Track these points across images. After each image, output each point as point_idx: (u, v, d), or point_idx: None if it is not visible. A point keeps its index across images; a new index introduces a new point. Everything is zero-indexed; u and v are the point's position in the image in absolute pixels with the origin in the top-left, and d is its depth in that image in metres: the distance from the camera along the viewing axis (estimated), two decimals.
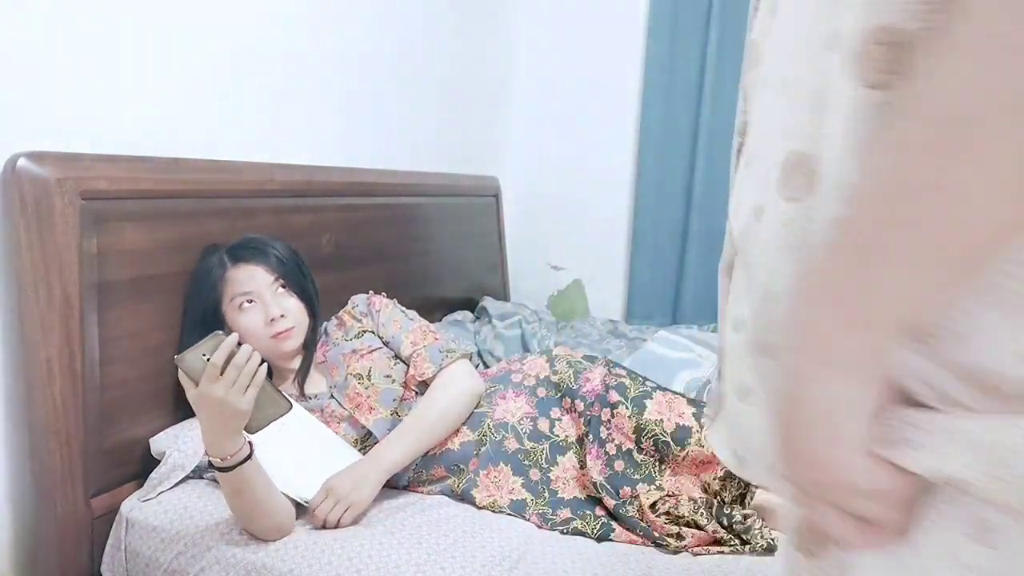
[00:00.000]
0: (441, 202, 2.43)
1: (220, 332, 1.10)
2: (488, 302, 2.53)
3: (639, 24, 2.73)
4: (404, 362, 1.50)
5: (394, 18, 2.20)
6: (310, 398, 1.44)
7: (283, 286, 1.40)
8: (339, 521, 1.23)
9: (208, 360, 1.06)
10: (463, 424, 1.42)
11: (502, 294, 2.82)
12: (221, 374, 1.06)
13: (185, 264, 1.43)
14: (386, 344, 1.52)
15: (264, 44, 1.72)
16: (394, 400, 1.42)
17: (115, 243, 1.31)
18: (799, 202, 0.44)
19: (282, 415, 1.16)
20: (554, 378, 1.46)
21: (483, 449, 1.38)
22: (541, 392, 1.45)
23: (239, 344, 1.09)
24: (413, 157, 2.32)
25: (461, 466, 1.36)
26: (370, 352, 1.48)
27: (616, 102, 2.81)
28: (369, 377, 1.43)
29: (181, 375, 1.08)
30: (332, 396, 1.44)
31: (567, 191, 2.92)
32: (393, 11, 2.19)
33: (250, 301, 1.37)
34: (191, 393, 1.08)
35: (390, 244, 2.13)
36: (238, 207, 1.57)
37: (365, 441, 1.40)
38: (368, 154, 2.10)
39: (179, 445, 1.34)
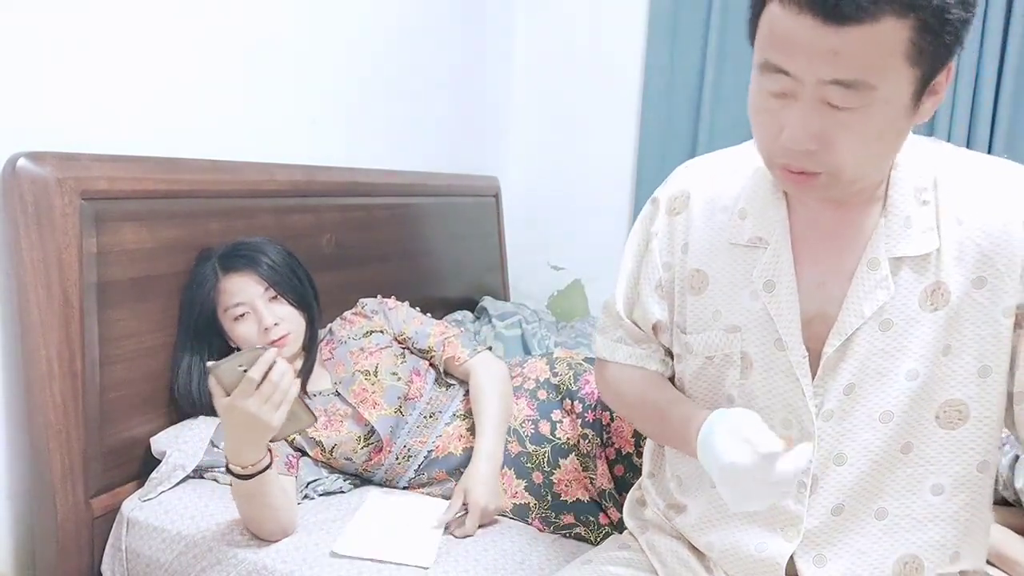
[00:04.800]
0: (441, 202, 2.42)
1: (260, 347, 1.10)
2: (488, 302, 2.53)
3: (639, 24, 2.73)
4: (423, 355, 1.52)
5: (394, 18, 2.20)
6: (313, 396, 1.44)
7: (275, 294, 1.39)
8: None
9: (245, 372, 1.06)
10: (466, 428, 1.42)
11: (502, 294, 2.82)
12: (257, 388, 1.06)
13: (185, 264, 1.43)
14: (405, 340, 1.54)
15: (264, 44, 1.72)
16: (399, 398, 1.42)
17: (115, 243, 1.30)
18: None
19: (305, 428, 1.17)
20: (554, 380, 1.45)
21: None
22: (542, 395, 1.44)
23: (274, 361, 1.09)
24: (413, 157, 2.32)
25: (463, 469, 1.36)
26: (379, 350, 1.49)
27: (616, 102, 2.81)
28: (376, 374, 1.44)
29: (212, 383, 1.07)
30: (336, 392, 1.44)
31: (567, 191, 2.91)
32: (393, 11, 2.19)
33: (244, 312, 1.37)
34: (222, 402, 1.07)
35: (390, 244, 2.12)
36: (238, 207, 1.57)
37: (368, 439, 1.40)
38: (368, 154, 2.10)
39: (180, 444, 1.33)
